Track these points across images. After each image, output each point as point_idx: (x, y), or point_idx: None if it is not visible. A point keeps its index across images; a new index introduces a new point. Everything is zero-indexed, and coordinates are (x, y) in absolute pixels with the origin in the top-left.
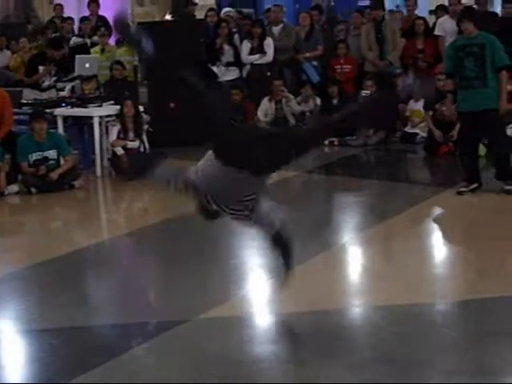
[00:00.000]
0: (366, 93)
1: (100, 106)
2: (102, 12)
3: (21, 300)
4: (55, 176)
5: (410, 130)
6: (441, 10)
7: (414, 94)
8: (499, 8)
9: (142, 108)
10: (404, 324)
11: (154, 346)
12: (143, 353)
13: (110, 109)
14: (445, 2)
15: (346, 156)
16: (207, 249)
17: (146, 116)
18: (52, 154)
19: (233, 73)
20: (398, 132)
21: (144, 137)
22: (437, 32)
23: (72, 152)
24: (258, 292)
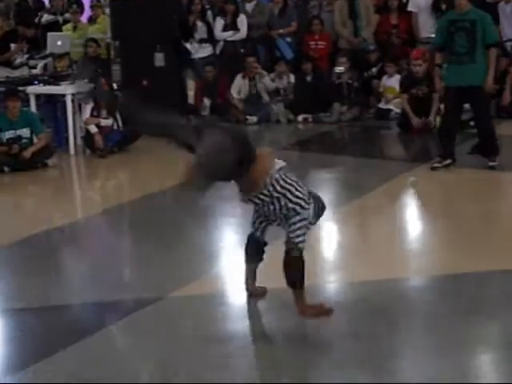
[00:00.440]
0: (339, 69)
1: (73, 83)
2: None
3: None
4: (28, 154)
5: (383, 106)
6: None
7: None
8: None
9: (115, 86)
10: (379, 300)
11: (128, 323)
12: (118, 331)
13: (83, 86)
14: None
15: (319, 132)
16: (182, 226)
17: (119, 94)
18: (25, 132)
19: (206, 50)
20: (372, 108)
21: (117, 114)
22: (410, 8)
23: (45, 130)
24: (232, 269)
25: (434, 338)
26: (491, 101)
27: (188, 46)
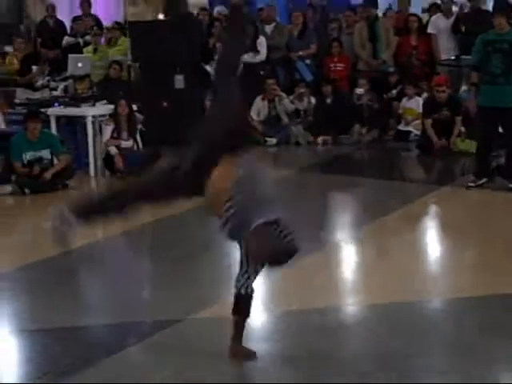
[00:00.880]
0: (359, 91)
1: (93, 105)
2: (94, 11)
3: (13, 300)
4: (49, 176)
5: (403, 128)
6: (434, 8)
7: None
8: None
9: (135, 107)
10: (397, 322)
11: (147, 345)
12: (136, 352)
13: (104, 108)
14: (437, 0)
15: (339, 154)
16: (201, 248)
17: (139, 115)
18: (46, 153)
19: None
20: (391, 130)
21: (138, 136)
22: (430, 30)
23: (66, 152)
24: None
25: (458, 359)
26: None
27: (208, 68)
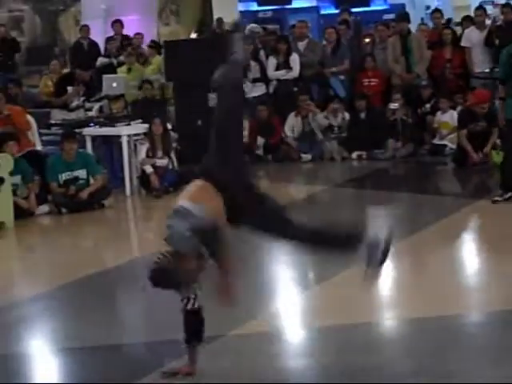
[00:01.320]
0: (394, 106)
1: (128, 124)
2: (126, 31)
3: (52, 319)
4: (85, 195)
5: (438, 141)
6: (467, 21)
7: None
8: None
9: (169, 126)
10: (435, 337)
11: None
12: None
13: (138, 127)
14: (471, 13)
15: (374, 169)
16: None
17: (174, 134)
18: (82, 173)
19: (259, 89)
20: (426, 144)
21: (172, 155)
22: (463, 43)
23: (101, 171)
24: (289, 307)
25: (498, 373)
26: None
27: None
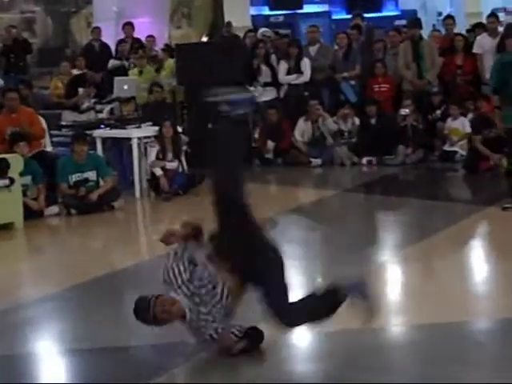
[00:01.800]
0: (405, 112)
1: (139, 127)
2: (138, 34)
3: (61, 320)
4: (95, 197)
5: (448, 148)
6: (479, 28)
7: None
8: None
9: (180, 129)
10: (445, 343)
11: (194, 365)
12: (184, 372)
13: (149, 130)
14: (483, 20)
15: (384, 175)
16: None
17: (184, 137)
18: (92, 175)
19: (270, 93)
20: (436, 151)
21: (182, 158)
22: (475, 50)
23: (111, 173)
24: None
25: (506, 381)
26: None
27: (252, 89)
